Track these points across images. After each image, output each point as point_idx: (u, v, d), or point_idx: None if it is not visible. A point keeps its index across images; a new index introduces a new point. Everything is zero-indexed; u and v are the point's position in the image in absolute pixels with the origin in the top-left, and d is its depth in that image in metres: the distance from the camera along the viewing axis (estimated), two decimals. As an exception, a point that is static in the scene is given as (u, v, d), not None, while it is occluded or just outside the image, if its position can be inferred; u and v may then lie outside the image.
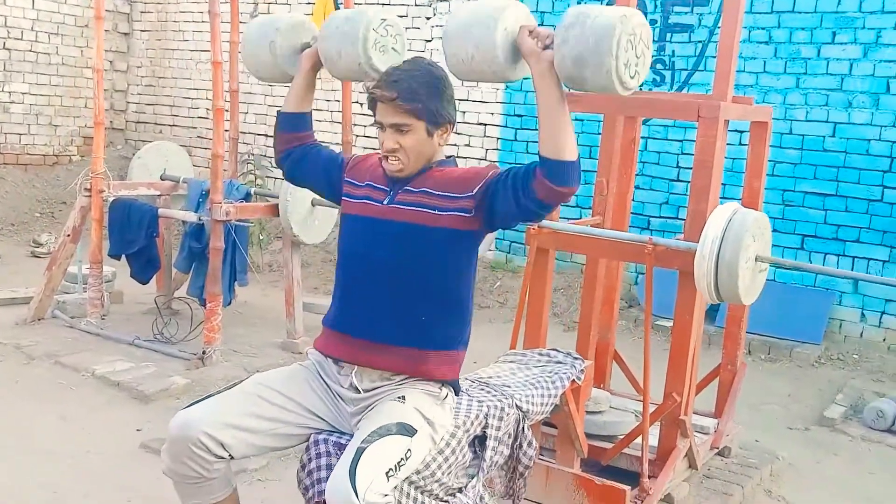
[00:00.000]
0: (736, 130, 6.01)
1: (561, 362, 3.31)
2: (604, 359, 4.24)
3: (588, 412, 3.72)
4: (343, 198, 2.66)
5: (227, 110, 5.23)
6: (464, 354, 2.62)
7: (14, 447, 3.81)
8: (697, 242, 3.33)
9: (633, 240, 3.45)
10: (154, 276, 5.65)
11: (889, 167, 5.97)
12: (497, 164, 6.90)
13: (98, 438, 3.97)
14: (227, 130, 6.43)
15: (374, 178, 2.60)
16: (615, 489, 3.36)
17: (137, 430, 4.10)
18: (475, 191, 2.44)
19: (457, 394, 2.64)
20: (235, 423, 2.43)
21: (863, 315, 6.12)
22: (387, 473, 2.26)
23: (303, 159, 2.77)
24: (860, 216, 6.09)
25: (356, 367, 2.52)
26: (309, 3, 8.62)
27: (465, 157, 7.56)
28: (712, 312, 6.19)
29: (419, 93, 2.42)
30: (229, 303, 5.45)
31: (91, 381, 4.58)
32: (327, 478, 2.51)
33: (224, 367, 4.84)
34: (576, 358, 3.35)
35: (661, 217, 6.80)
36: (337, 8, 8.31)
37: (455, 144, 7.58)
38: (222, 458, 2.43)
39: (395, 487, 2.34)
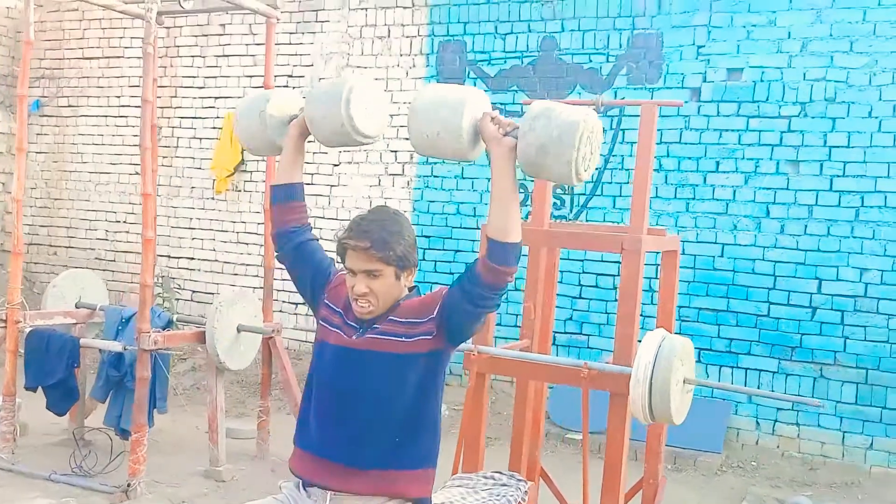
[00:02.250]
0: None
1: (506, 485, 3.46)
2: (533, 476, 4.41)
3: (527, 532, 3.86)
4: (320, 322, 2.79)
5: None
6: (434, 473, 2.76)
7: None
8: (628, 366, 3.60)
9: (568, 364, 3.68)
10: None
11: (773, 285, 6.47)
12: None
13: (26, 583, 3.85)
14: (125, 252, 6.93)
15: (346, 311, 2.75)
16: None
17: (66, 572, 3.99)
18: (435, 312, 2.64)
19: (428, 514, 2.77)
20: None
21: (757, 424, 6.51)
22: None
23: (300, 248, 2.88)
24: (750, 330, 6.54)
25: (330, 493, 2.63)
26: (215, 128, 8.77)
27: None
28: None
29: (389, 241, 2.61)
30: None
31: (10, 522, 4.44)
32: None
33: (149, 500, 4.76)
34: (519, 480, 3.50)
35: (566, 333, 7.10)
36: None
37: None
38: None
39: None
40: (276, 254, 2.97)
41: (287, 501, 2.71)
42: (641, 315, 3.94)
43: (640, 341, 3.50)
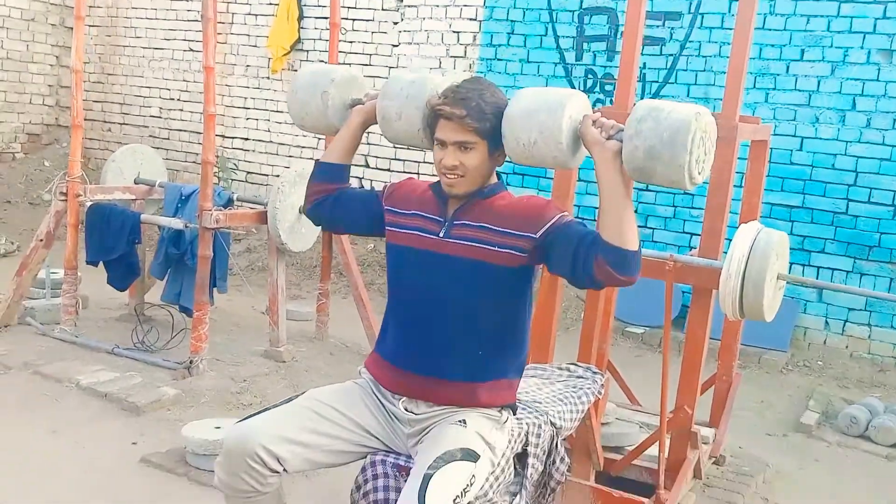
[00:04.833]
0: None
1: (582, 377, 3.34)
2: (601, 369, 4.29)
3: (598, 424, 3.76)
4: (388, 228, 2.58)
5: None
6: (519, 380, 2.61)
7: (8, 463, 3.66)
8: (714, 259, 3.42)
9: (653, 256, 3.49)
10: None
11: (853, 181, 6.18)
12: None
13: (95, 453, 3.84)
14: (179, 130, 6.66)
15: (423, 207, 2.53)
16: (634, 501, 3.40)
17: (133, 443, 3.98)
18: (538, 234, 2.38)
19: (514, 414, 2.64)
20: (292, 438, 2.40)
21: (826, 323, 6.32)
22: (454, 500, 2.26)
23: (336, 205, 2.70)
24: (825, 227, 6.28)
25: (405, 398, 2.51)
26: (271, 4, 8.49)
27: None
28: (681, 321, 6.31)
29: (487, 113, 2.37)
30: (207, 310, 5.33)
31: (76, 393, 4.43)
32: (384, 499, 2.50)
33: (211, 377, 4.73)
34: (595, 372, 3.38)
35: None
36: (301, 12, 8.21)
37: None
38: (277, 472, 2.39)
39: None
40: (320, 225, 2.85)
41: (367, 386, 2.59)
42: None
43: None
